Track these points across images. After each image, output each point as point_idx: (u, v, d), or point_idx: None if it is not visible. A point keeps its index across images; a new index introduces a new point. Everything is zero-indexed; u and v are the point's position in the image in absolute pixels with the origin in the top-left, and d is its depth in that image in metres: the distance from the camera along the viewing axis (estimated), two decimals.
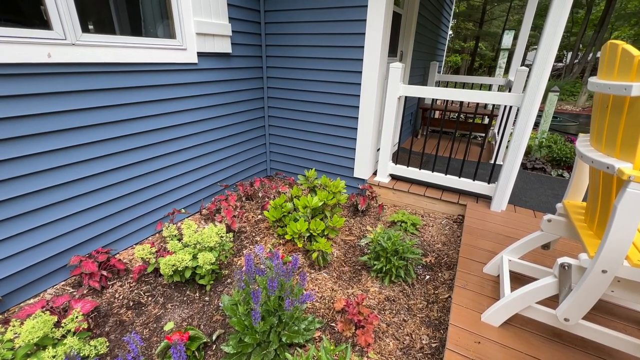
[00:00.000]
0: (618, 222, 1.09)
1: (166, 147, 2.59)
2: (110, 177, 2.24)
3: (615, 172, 1.09)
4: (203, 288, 2.09)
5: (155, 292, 2.06)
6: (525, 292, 1.46)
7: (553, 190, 3.35)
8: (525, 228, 2.56)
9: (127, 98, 2.22)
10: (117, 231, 2.39)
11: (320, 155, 3.55)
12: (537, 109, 2.45)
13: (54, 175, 1.94)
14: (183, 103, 2.64)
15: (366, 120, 3.11)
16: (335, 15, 2.91)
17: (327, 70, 3.13)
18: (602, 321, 1.64)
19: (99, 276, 2.04)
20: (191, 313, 1.92)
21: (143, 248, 1.97)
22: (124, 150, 2.28)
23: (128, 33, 2.30)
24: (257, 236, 2.73)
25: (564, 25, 2.21)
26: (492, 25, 23.75)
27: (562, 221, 1.62)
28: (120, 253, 2.44)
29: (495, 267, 1.97)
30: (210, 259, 1.90)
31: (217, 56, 2.85)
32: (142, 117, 2.35)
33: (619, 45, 1.15)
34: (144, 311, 1.92)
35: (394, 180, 3.39)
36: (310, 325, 1.62)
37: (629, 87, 1.05)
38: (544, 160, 4.30)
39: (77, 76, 1.92)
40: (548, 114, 4.64)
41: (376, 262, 2.17)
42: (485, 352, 1.47)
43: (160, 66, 2.40)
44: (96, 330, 1.77)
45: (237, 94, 3.18)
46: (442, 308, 1.98)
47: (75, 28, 1.87)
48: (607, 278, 1.18)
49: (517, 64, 4.68)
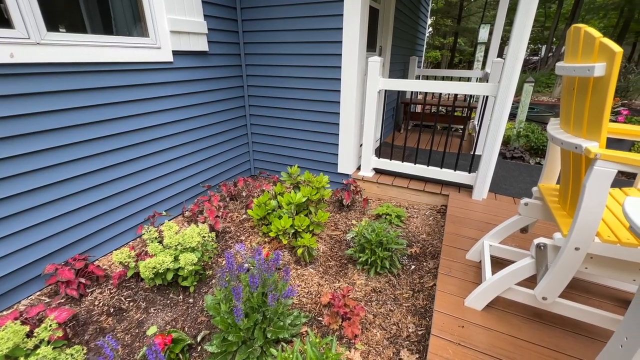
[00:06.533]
0: (587, 199, 1.12)
1: (144, 149, 2.53)
2: (85, 181, 2.17)
3: (583, 152, 1.12)
4: (187, 290, 2.04)
5: (137, 297, 2.00)
6: (505, 274, 1.49)
7: (531, 178, 3.44)
8: (505, 214, 2.62)
9: (100, 99, 2.15)
10: (96, 237, 2.31)
11: (303, 152, 3.54)
12: (512, 98, 2.51)
13: (24, 180, 1.85)
14: (160, 103, 2.58)
15: (348, 115, 3.12)
16: (312, 11, 2.90)
17: (307, 66, 3.12)
18: (579, 299, 1.69)
19: (77, 284, 1.96)
20: (175, 316, 1.88)
21: (121, 252, 1.91)
22: (99, 152, 2.21)
23: (98, 32, 2.22)
24: (242, 235, 2.69)
25: (533, 17, 2.27)
26: (470, 21, 24.26)
27: (538, 204, 1.67)
28: (100, 259, 2.36)
29: (477, 253, 2.01)
30: (192, 259, 1.86)
31: (194, 55, 2.80)
32: (116, 119, 2.28)
33: (581, 28, 1.18)
34: (126, 317, 1.87)
35: (377, 174, 3.42)
36: (296, 320, 1.61)
37: (592, 68, 1.08)
38: (522, 150, 4.41)
39: (44, 77, 1.84)
40: (524, 104, 4.77)
41: (361, 255, 2.17)
42: (469, 335, 1.49)
43: (134, 65, 2.33)
44: (75, 340, 1.70)
45: (216, 92, 3.13)
46: (428, 296, 2.00)
47: (40, 27, 1.79)
48: (580, 255, 1.22)
49: (494, 57, 4.79)
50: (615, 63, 1.02)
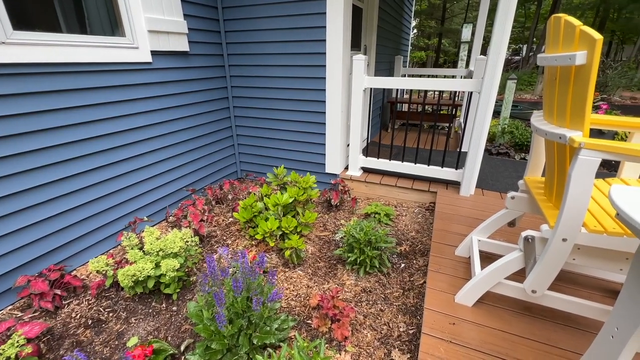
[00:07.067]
0: (573, 189, 1.11)
1: (124, 152, 2.43)
2: (60, 187, 2.06)
3: (567, 141, 1.11)
4: (169, 297, 1.96)
5: (117, 307, 1.91)
6: (494, 268, 1.47)
7: (517, 173, 3.47)
8: (492, 209, 2.62)
9: (75, 101, 2.06)
10: (72, 245, 2.20)
11: (290, 152, 3.49)
12: (495, 93, 2.52)
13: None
14: (139, 105, 2.49)
15: (334, 115, 3.09)
16: (295, 10, 2.86)
17: (292, 65, 3.08)
18: (567, 291, 1.69)
19: (52, 296, 1.86)
20: (157, 325, 1.79)
21: (98, 260, 1.82)
22: (74, 157, 2.11)
23: (72, 31, 2.12)
24: (228, 239, 2.62)
25: (513, 15, 2.28)
26: (453, 22, 24.71)
27: (525, 197, 1.66)
28: (78, 269, 2.25)
29: (466, 249, 2.00)
30: (174, 265, 1.78)
31: (174, 55, 2.72)
32: (93, 121, 2.19)
33: (561, 17, 1.18)
34: (105, 328, 1.77)
35: (365, 173, 3.39)
36: (284, 324, 1.56)
37: (573, 57, 1.07)
38: (507, 146, 4.47)
39: (11, 78, 1.75)
40: (508, 100, 4.84)
41: (350, 255, 2.13)
42: (460, 332, 1.46)
43: (111, 66, 2.24)
44: (49, 355, 1.61)
45: (198, 94, 3.05)
46: (418, 294, 1.97)
47: (5, 25, 1.69)
48: (568, 246, 1.20)
49: (477, 55, 4.85)
50: (596, 50, 1.01)
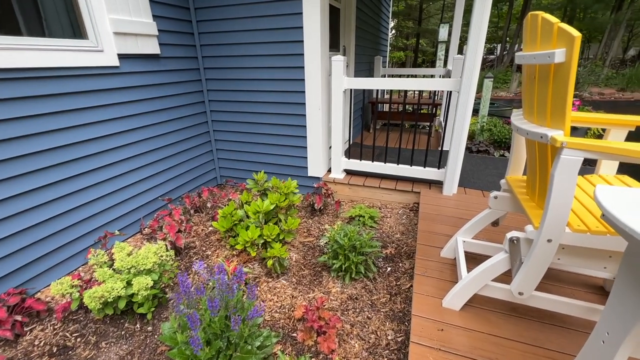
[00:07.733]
0: (556, 189, 1.09)
1: (90, 163, 2.28)
2: (20, 203, 1.90)
3: (548, 141, 1.09)
4: (144, 317, 1.83)
5: (86, 331, 1.77)
6: (480, 271, 1.44)
7: (497, 170, 3.52)
8: (476, 208, 2.63)
9: (33, 109, 1.90)
10: (35, 265, 2.03)
11: (271, 157, 3.40)
12: (474, 92, 2.52)
13: None
14: (106, 112, 2.34)
15: (314, 117, 3.02)
16: (270, 10, 2.78)
17: (269, 67, 2.99)
18: (551, 288, 1.69)
19: (11, 323, 1.70)
20: (131, 348, 1.67)
21: (61, 282, 1.67)
22: (36, 169, 1.95)
23: (32, 34, 1.96)
24: (208, 250, 2.50)
25: (489, 15, 2.29)
26: (430, 22, 25.24)
27: (507, 196, 1.64)
28: (42, 291, 2.08)
29: (451, 250, 1.97)
30: (147, 283, 1.66)
31: (143, 58, 2.58)
32: (56, 130, 2.03)
33: (538, 15, 1.16)
34: (72, 356, 1.63)
35: (349, 175, 3.34)
36: (267, 340, 1.47)
37: (552, 54, 1.05)
38: (486, 143, 4.54)
39: None
40: (486, 99, 4.92)
41: (335, 261, 2.07)
42: (449, 338, 1.43)
43: (75, 71, 2.10)
44: None
45: (172, 98, 2.91)
46: (406, 299, 1.93)
47: None
48: (553, 247, 1.18)
49: (454, 54, 4.91)
50: (575, 48, 0.99)
